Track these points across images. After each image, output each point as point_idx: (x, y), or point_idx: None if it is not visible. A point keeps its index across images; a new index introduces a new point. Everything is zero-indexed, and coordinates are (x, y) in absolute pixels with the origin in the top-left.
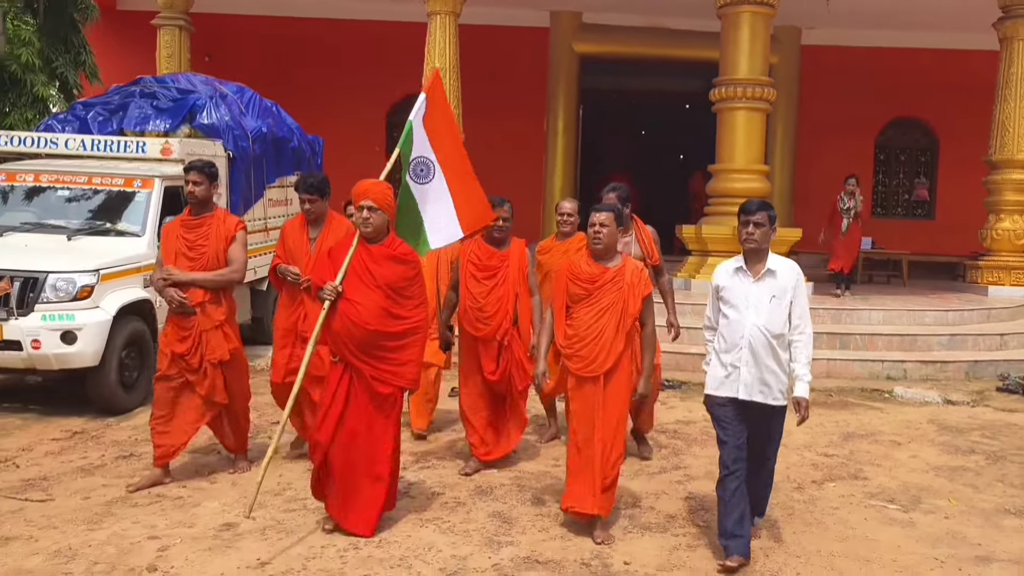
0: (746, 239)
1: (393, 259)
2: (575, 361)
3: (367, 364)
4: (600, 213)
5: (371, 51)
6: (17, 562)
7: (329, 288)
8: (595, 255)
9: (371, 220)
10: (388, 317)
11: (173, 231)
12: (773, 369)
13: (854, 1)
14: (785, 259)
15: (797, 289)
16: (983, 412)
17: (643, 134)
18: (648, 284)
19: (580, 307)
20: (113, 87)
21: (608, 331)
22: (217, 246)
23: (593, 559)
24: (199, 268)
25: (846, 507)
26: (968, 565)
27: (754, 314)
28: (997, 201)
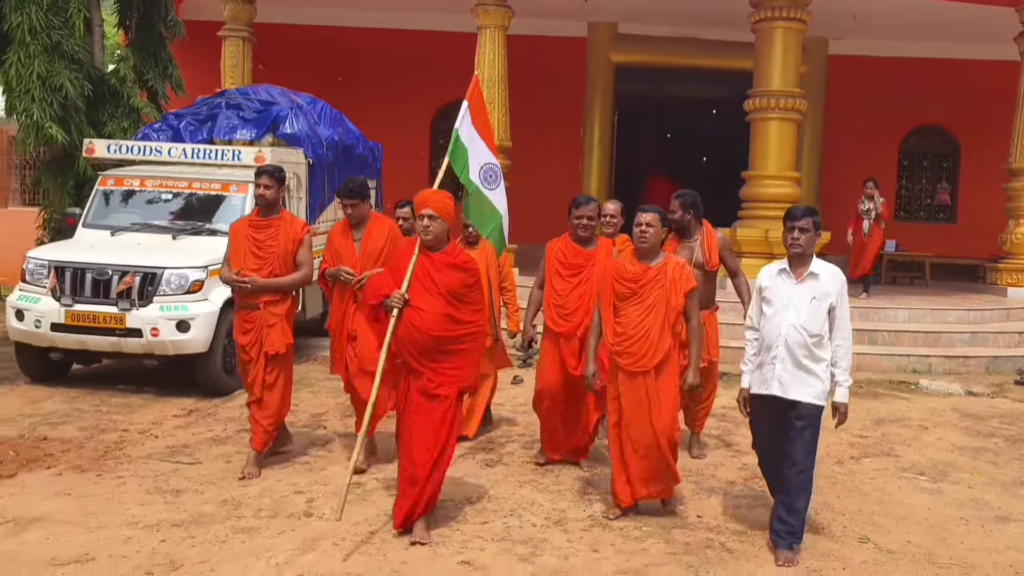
0: (791, 244)
1: (454, 267)
2: (625, 358)
3: (427, 368)
4: (647, 214)
5: (417, 60)
6: (195, 508)
7: (396, 296)
8: (640, 254)
9: (431, 228)
10: (451, 322)
11: (241, 231)
12: (810, 368)
13: (880, 14)
14: (829, 264)
15: (840, 296)
16: (1002, 403)
17: (668, 137)
18: (691, 279)
19: (627, 305)
20: (200, 99)
21: (655, 327)
22: (285, 247)
23: (670, 512)
24: (266, 267)
25: (881, 478)
26: (989, 523)
27: (793, 314)
28: (1017, 207)
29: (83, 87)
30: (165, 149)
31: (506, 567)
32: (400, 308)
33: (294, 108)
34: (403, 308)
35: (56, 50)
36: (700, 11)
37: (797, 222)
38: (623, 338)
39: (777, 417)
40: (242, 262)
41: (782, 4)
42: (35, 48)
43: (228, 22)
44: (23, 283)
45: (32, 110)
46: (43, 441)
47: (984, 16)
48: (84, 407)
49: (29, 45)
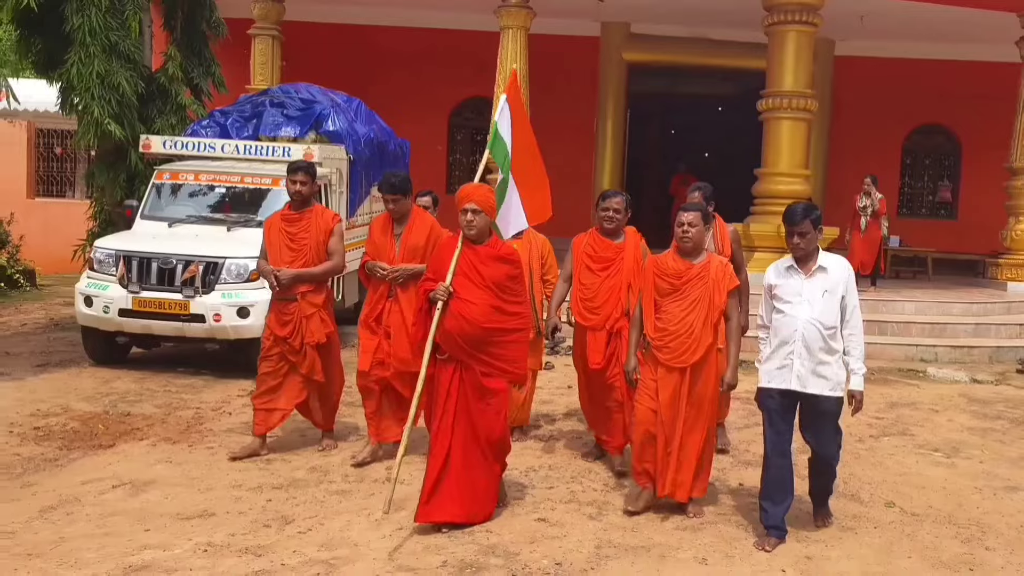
0: (794, 249)
1: (498, 259)
2: (665, 352)
3: (477, 360)
4: (688, 213)
5: (436, 57)
6: (288, 474)
7: (442, 289)
8: (683, 252)
9: (475, 222)
10: (498, 314)
11: (275, 225)
12: (827, 361)
13: (885, 17)
14: (835, 255)
15: (848, 285)
16: (1005, 389)
17: (675, 133)
18: (734, 278)
19: (668, 301)
20: (243, 96)
21: (697, 324)
22: (317, 238)
23: (716, 479)
24: (300, 259)
25: (900, 454)
26: (1000, 492)
27: (807, 308)
28: (1017, 205)
29: (137, 85)
30: (218, 145)
31: (578, 524)
32: (445, 301)
33: (335, 106)
34: (448, 301)
35: (114, 50)
36: (711, 12)
37: (796, 227)
38: (664, 333)
39: (791, 410)
40: (278, 256)
41: (795, 8)
42: (95, 48)
43: (258, 20)
44: (91, 271)
45: (92, 107)
46: (127, 417)
47: (986, 19)
48: (153, 387)
49: (89, 46)
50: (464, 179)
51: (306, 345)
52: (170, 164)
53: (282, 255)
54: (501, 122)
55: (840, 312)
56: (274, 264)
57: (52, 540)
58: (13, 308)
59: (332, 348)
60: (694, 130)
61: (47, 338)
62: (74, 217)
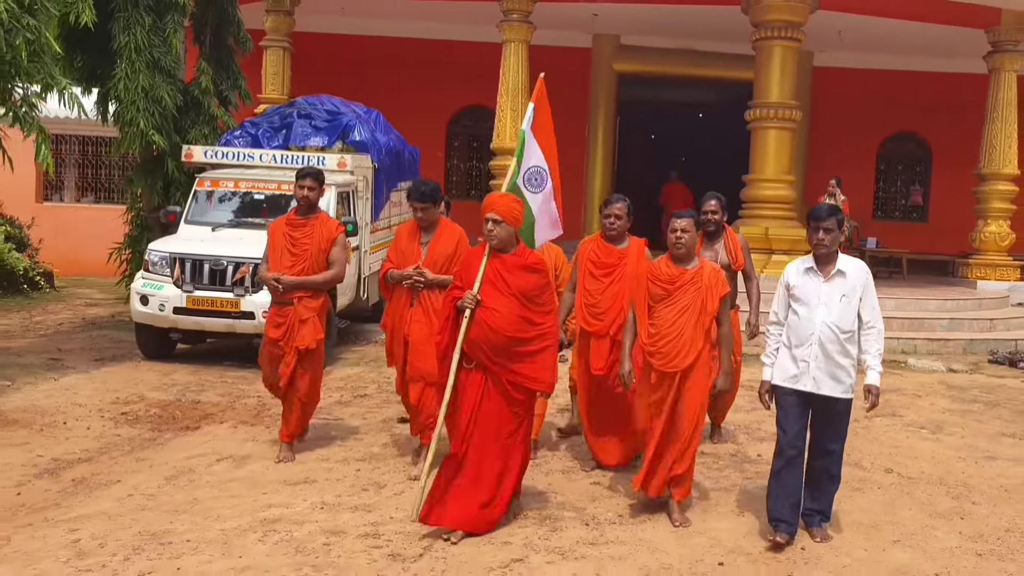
0: (817, 244)
1: (526, 268)
2: (658, 357)
3: (505, 369)
4: (682, 219)
5: (435, 67)
6: (365, 449)
7: (469, 297)
8: (676, 258)
9: (495, 232)
10: (525, 323)
11: (280, 228)
12: (842, 364)
13: (861, 31)
14: (854, 259)
15: (867, 288)
16: (979, 377)
17: (661, 139)
18: (725, 285)
19: (661, 306)
20: (271, 108)
21: (688, 329)
22: (319, 245)
23: (736, 452)
24: (300, 264)
25: (891, 431)
26: (981, 460)
27: (824, 311)
28: (985, 208)
29: (175, 98)
30: (257, 155)
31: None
32: (472, 309)
33: (359, 117)
34: (475, 309)
35: (156, 66)
36: (697, 25)
37: (822, 223)
38: (656, 338)
39: (805, 410)
40: (278, 259)
41: (780, 24)
42: (140, 64)
43: (269, 33)
44: (146, 272)
45: (138, 119)
46: (198, 404)
47: (956, 34)
48: (209, 379)
49: (135, 62)
50: (461, 184)
51: (293, 349)
52: (210, 172)
53: (283, 258)
54: (527, 130)
55: (858, 315)
56: (274, 267)
57: (188, 500)
58: (40, 309)
59: (317, 357)
60: (678, 137)
61: (89, 336)
62: (82, 221)
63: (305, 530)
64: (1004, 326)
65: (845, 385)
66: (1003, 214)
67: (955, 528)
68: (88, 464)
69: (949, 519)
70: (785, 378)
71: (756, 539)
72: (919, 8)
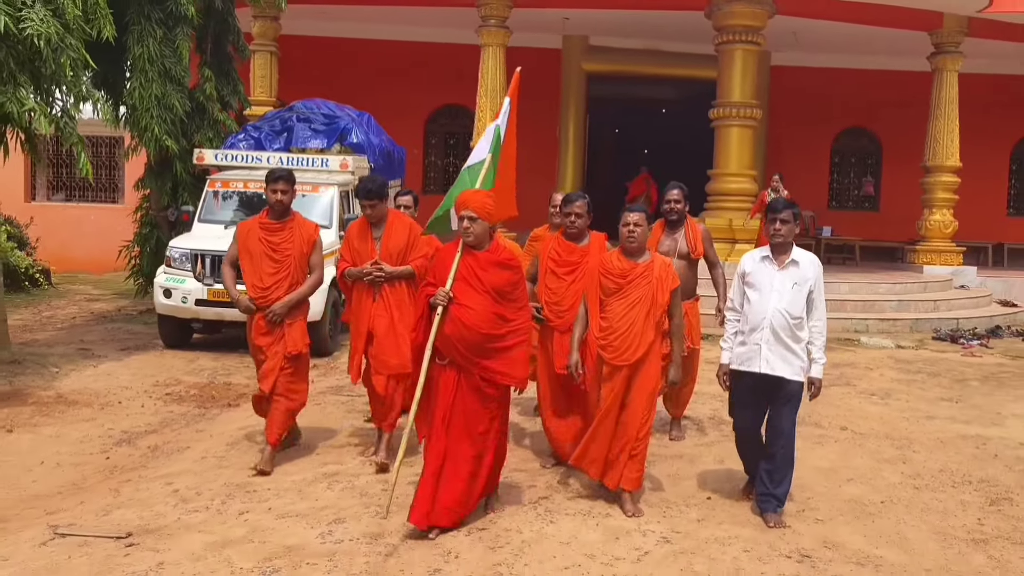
0: (774, 234)
1: (499, 264)
2: (609, 351)
3: (477, 366)
4: (634, 213)
5: (413, 68)
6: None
7: (442, 294)
8: (628, 252)
9: (471, 229)
10: (498, 320)
11: (253, 233)
12: (792, 347)
13: (815, 32)
14: (807, 252)
15: (817, 281)
16: (923, 352)
17: (617, 132)
18: (676, 278)
19: (612, 300)
20: (270, 112)
21: (639, 322)
22: (301, 249)
23: (709, 419)
24: (284, 269)
25: (846, 399)
26: (921, 420)
27: (777, 298)
28: (930, 198)
29: (184, 104)
30: (264, 157)
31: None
32: (444, 306)
33: (354, 120)
34: (448, 306)
35: (167, 75)
36: (662, 27)
37: (779, 215)
38: (608, 332)
39: (759, 391)
40: (258, 266)
41: (741, 29)
42: (153, 74)
43: (257, 38)
44: (168, 267)
45: (152, 126)
46: (230, 385)
47: (904, 36)
48: (231, 364)
49: (148, 71)
50: (439, 180)
51: (282, 355)
52: (219, 174)
53: (263, 265)
54: (503, 124)
55: (807, 305)
56: (252, 275)
57: (254, 461)
58: (45, 305)
59: (304, 361)
60: (643, 132)
61: (105, 328)
62: (70, 219)
63: (362, 480)
64: (947, 307)
65: (796, 367)
66: (947, 204)
67: (898, 470)
68: (155, 435)
69: (893, 463)
70: (740, 362)
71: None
72: (867, 13)
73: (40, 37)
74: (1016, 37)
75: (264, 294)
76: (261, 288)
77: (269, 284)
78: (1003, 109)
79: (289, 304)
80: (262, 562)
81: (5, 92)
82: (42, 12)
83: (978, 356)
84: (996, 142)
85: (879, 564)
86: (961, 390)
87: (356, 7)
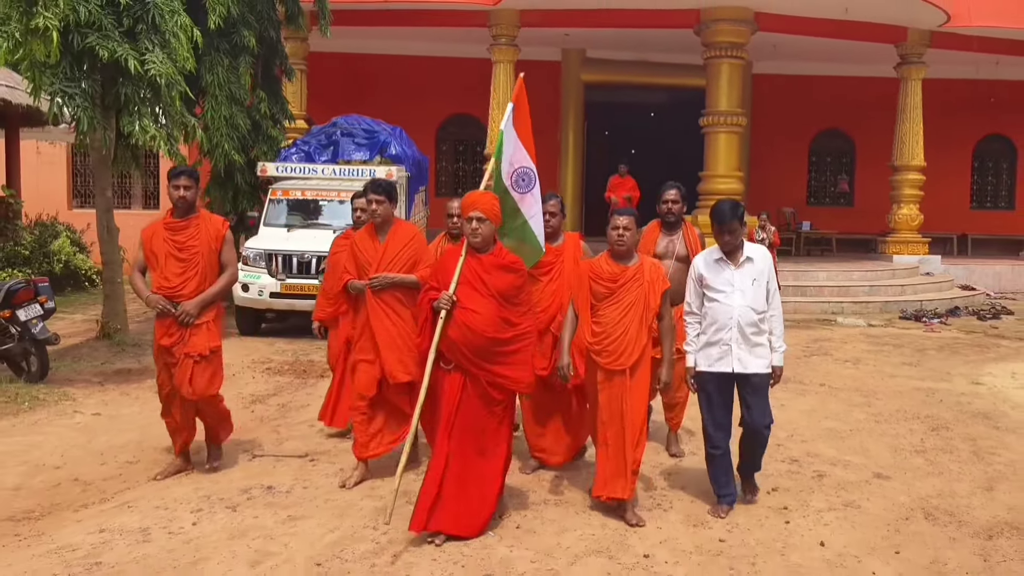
0: (724, 244)
1: (503, 268)
2: (604, 356)
3: (483, 370)
4: (623, 217)
5: (427, 80)
6: None
7: (445, 298)
8: (617, 255)
9: (479, 231)
10: (504, 324)
11: (157, 235)
12: (759, 342)
13: (793, 44)
14: (757, 246)
15: (770, 272)
16: (891, 330)
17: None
18: (666, 280)
19: (604, 305)
20: (316, 127)
21: (633, 326)
22: (209, 245)
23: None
24: (191, 269)
25: (824, 364)
26: (885, 378)
27: (740, 296)
28: (898, 194)
29: (246, 123)
30: (319, 169)
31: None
32: (448, 310)
33: (391, 134)
34: (451, 310)
35: (232, 98)
36: (654, 41)
37: (726, 226)
38: (602, 337)
39: (727, 389)
40: (164, 266)
41: (727, 45)
42: (221, 97)
43: (288, 57)
44: (244, 265)
45: (223, 143)
46: (312, 362)
47: (873, 47)
48: (303, 347)
49: (218, 96)
50: (449, 183)
51: (184, 356)
52: (279, 183)
53: (169, 265)
54: (507, 130)
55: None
56: (158, 276)
57: None
58: None
59: (215, 361)
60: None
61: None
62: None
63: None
64: (912, 291)
65: (764, 360)
66: (913, 199)
67: (864, 411)
68: (277, 397)
69: (860, 407)
70: (710, 363)
71: None
72: (839, 28)
73: (160, 76)
74: (973, 48)
75: (171, 293)
76: (168, 288)
77: (176, 284)
78: (966, 111)
79: (202, 303)
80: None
81: (133, 122)
82: (160, 55)
83: (937, 332)
84: (960, 141)
85: (847, 464)
86: (920, 357)
87: (380, 28)
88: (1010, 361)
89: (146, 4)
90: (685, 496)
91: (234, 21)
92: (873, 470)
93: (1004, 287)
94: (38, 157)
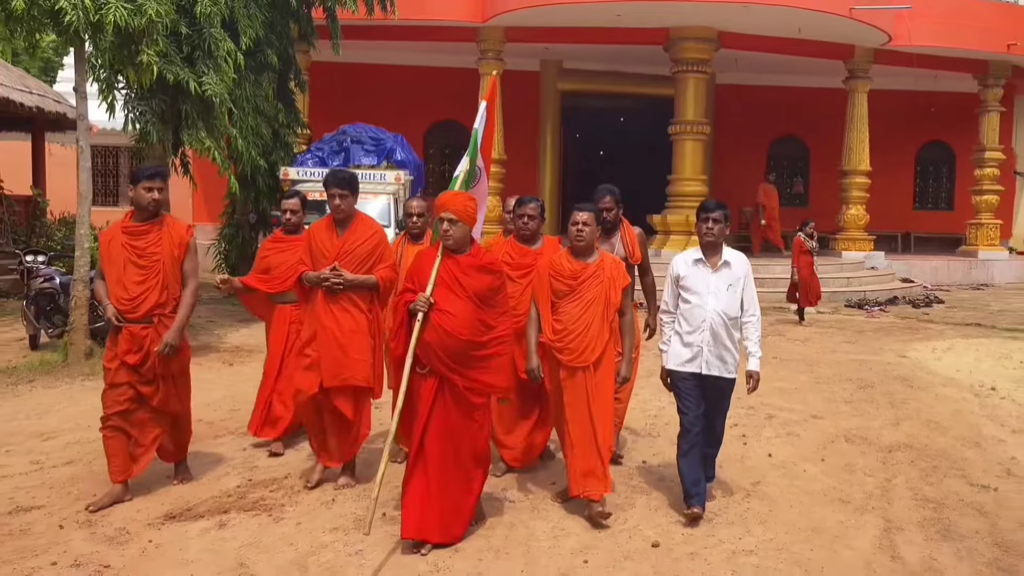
0: (705, 233)
1: (480, 269)
2: (567, 353)
3: (460, 374)
4: (583, 212)
5: (416, 88)
6: None
7: (422, 300)
8: (577, 252)
9: (451, 232)
10: (480, 326)
11: (115, 239)
12: (729, 347)
13: (753, 59)
14: (736, 251)
15: (747, 278)
16: (837, 316)
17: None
18: (626, 276)
19: (565, 302)
20: (327, 135)
21: (595, 323)
22: (171, 253)
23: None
24: (152, 276)
25: (778, 343)
26: (831, 354)
27: (714, 300)
28: (847, 196)
29: (268, 132)
30: None
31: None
32: (425, 312)
33: (395, 141)
34: (428, 312)
35: (257, 109)
36: (626, 54)
37: (711, 214)
38: (563, 334)
39: (700, 388)
40: (121, 273)
41: (693, 61)
42: (248, 109)
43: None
44: None
45: (249, 150)
46: None
47: (824, 63)
48: None
49: (245, 108)
50: (437, 185)
51: (157, 375)
52: (299, 186)
53: (127, 272)
54: (480, 128)
55: (740, 303)
56: (115, 285)
57: None
58: None
59: (184, 376)
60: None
61: (213, 309)
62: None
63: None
64: (857, 283)
65: (730, 366)
66: (860, 200)
67: (807, 376)
68: None
69: (804, 373)
70: (680, 362)
71: None
72: (793, 46)
73: (216, 96)
74: (913, 64)
75: (131, 305)
76: (127, 299)
77: (136, 294)
78: (909, 120)
79: (180, 331)
80: None
81: (192, 135)
82: (215, 78)
83: (877, 318)
84: (903, 147)
85: (792, 410)
86: (859, 337)
87: (377, 41)
88: (933, 340)
89: (203, 34)
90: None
91: (260, 41)
92: (811, 413)
93: (940, 280)
94: (50, 159)
